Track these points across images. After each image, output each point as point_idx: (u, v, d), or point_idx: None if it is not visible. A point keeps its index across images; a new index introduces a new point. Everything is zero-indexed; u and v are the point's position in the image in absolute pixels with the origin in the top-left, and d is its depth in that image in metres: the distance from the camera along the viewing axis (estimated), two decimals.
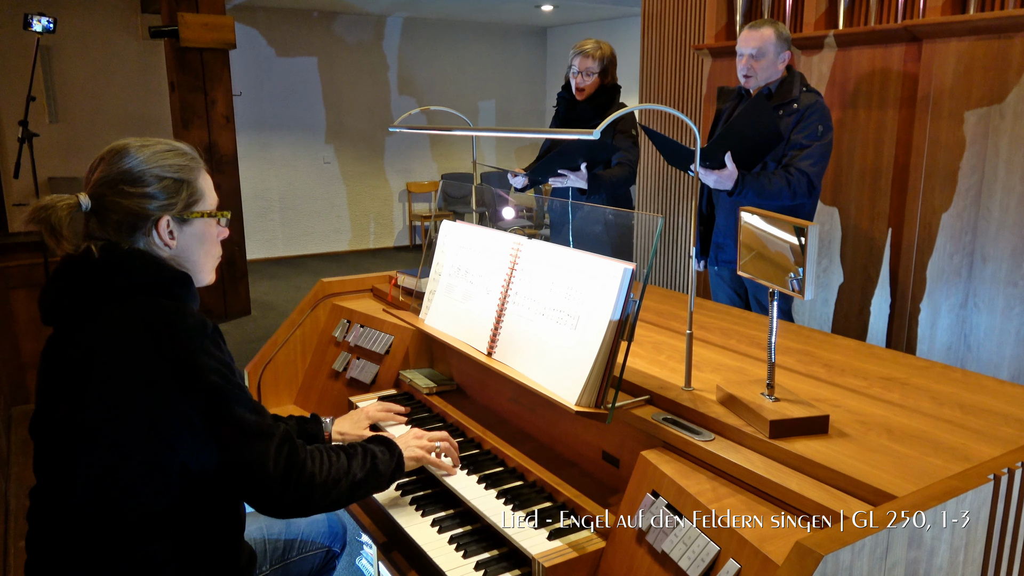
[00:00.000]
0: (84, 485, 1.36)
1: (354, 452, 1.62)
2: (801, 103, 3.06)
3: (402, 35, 9.88)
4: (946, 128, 3.42)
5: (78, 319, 1.40)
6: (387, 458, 1.68)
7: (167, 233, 1.47)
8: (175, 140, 1.53)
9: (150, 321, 1.36)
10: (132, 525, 1.36)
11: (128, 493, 1.35)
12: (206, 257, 1.56)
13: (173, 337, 1.35)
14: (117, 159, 1.44)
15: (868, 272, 3.83)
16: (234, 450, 1.37)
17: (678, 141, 3.07)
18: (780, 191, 2.96)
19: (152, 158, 1.45)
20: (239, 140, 6.74)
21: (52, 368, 1.42)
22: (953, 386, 1.78)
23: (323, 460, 1.53)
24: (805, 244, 1.41)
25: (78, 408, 1.36)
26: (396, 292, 2.80)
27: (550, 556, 1.51)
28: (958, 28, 3.29)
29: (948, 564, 1.24)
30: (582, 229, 3.02)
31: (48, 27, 4.65)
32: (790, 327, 2.30)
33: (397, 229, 10.35)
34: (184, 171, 1.48)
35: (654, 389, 1.71)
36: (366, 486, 1.61)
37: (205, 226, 1.53)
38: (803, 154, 3.00)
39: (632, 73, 6.32)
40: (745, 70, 3.14)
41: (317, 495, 1.49)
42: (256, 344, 5.62)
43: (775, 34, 3.07)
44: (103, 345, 1.35)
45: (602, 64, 3.51)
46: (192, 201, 1.50)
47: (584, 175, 3.32)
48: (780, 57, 3.10)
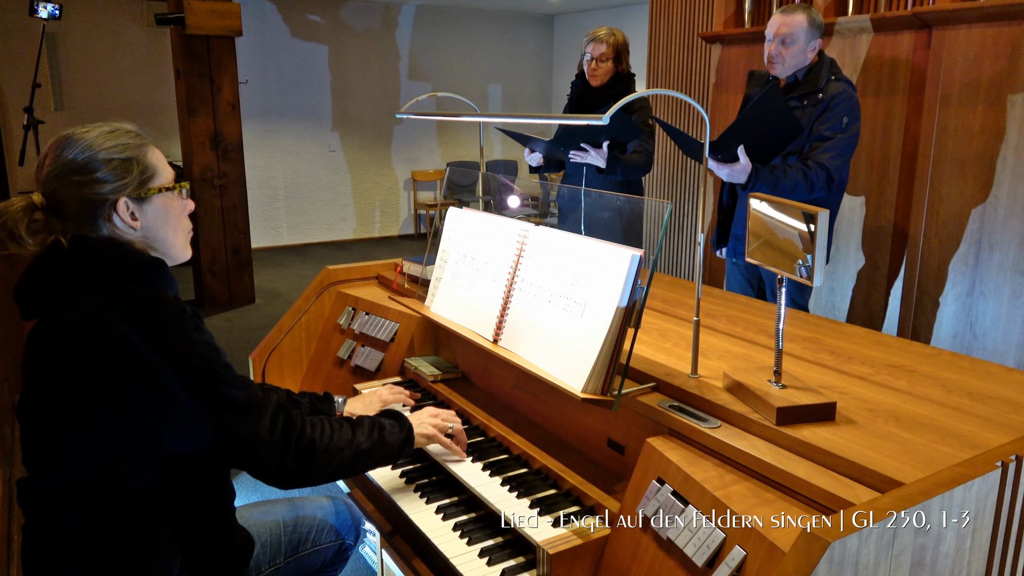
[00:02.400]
0: (63, 473, 1.35)
1: (360, 423, 1.63)
2: (826, 93, 2.95)
3: (411, 22, 9.84)
4: (955, 116, 3.39)
5: (54, 310, 1.38)
6: (396, 431, 1.68)
7: (128, 215, 1.44)
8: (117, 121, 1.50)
9: (127, 308, 1.34)
10: (120, 508, 1.36)
11: (113, 480, 1.35)
12: (175, 233, 1.53)
13: (152, 324, 1.34)
14: (61, 150, 1.41)
15: (877, 261, 3.82)
16: (227, 427, 1.38)
17: (688, 134, 3.01)
18: (796, 185, 2.86)
19: (96, 142, 1.42)
20: (245, 128, 6.73)
21: (33, 357, 1.41)
22: (961, 374, 1.77)
23: (324, 427, 1.53)
24: (815, 231, 1.40)
25: (56, 398, 1.35)
26: (402, 280, 2.80)
27: (555, 543, 1.51)
28: (969, 15, 3.26)
29: (955, 551, 1.23)
30: (591, 215, 3.01)
31: (54, 13, 4.64)
32: (797, 315, 2.29)
33: (402, 217, 10.34)
34: (130, 149, 1.45)
35: (660, 376, 1.71)
36: (372, 456, 1.62)
37: (165, 201, 1.49)
38: (824, 146, 2.90)
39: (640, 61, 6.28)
40: (772, 55, 3.03)
41: (318, 460, 1.49)
42: (261, 332, 5.62)
43: (807, 20, 2.96)
44: (80, 335, 1.34)
45: (615, 50, 3.49)
46: (146, 178, 1.46)
47: (604, 153, 3.30)
48: (811, 45, 2.99)
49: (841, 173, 2.96)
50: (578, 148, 3.32)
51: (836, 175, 2.92)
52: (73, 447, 1.34)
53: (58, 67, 7.67)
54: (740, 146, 2.82)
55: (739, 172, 2.87)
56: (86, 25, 7.76)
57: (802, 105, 2.99)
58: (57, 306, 1.38)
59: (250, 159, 8.07)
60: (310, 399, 1.99)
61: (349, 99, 9.59)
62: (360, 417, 1.67)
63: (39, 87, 4.77)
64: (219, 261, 6.38)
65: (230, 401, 1.39)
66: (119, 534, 1.37)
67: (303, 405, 1.96)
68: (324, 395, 2.03)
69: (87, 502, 1.35)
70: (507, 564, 1.56)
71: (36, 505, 1.41)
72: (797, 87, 3.03)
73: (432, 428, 1.81)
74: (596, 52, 3.48)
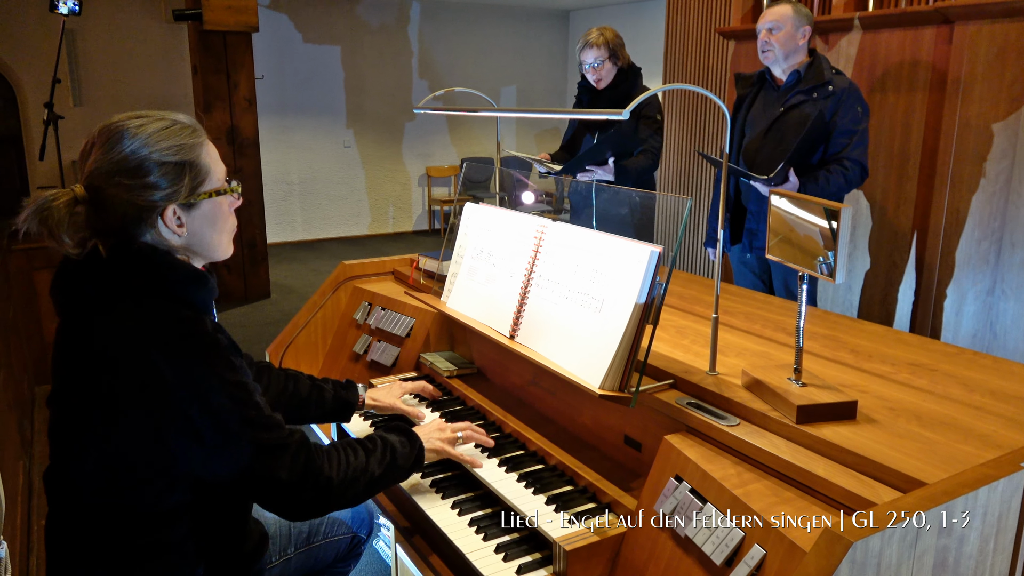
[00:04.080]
0: (93, 474, 1.33)
1: (373, 447, 1.59)
2: (836, 85, 3.00)
3: (425, 19, 9.84)
4: (976, 112, 3.35)
5: (91, 313, 1.34)
6: (407, 451, 1.65)
7: (174, 222, 1.36)
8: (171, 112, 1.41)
9: (161, 337, 1.29)
10: (139, 516, 1.35)
11: (131, 488, 1.33)
12: (220, 234, 1.45)
13: (184, 358, 1.29)
14: (111, 144, 1.32)
15: (893, 258, 3.78)
16: (248, 466, 1.34)
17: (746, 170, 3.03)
18: (840, 189, 2.95)
19: (150, 140, 1.32)
20: (260, 123, 6.75)
21: (66, 356, 1.38)
22: (983, 372, 1.75)
23: (340, 460, 1.49)
24: (837, 228, 1.38)
25: (87, 401, 1.32)
26: (418, 275, 2.80)
27: (571, 539, 1.50)
28: (992, 10, 3.22)
29: (978, 552, 1.22)
30: (605, 212, 3.00)
31: (74, 9, 4.67)
32: (816, 312, 2.27)
33: (416, 213, 10.35)
34: (185, 151, 1.36)
35: (678, 373, 1.69)
36: (384, 481, 1.59)
37: (215, 206, 1.42)
38: (852, 142, 2.97)
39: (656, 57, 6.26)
40: (763, 45, 3.11)
41: (334, 496, 1.47)
42: (276, 327, 5.65)
43: (792, 8, 3.05)
44: (116, 345, 1.29)
45: (609, 49, 3.46)
46: (197, 183, 1.37)
47: (611, 169, 3.31)
48: (800, 31, 3.04)
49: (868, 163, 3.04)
50: (584, 171, 3.35)
51: (867, 165, 3.00)
52: (104, 451, 1.32)
53: (77, 62, 7.72)
54: (791, 168, 2.85)
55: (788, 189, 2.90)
56: (105, 21, 7.81)
57: (811, 98, 3.03)
58: (93, 309, 1.33)
59: (265, 154, 8.10)
60: (333, 386, 2.00)
61: (363, 95, 9.61)
62: (372, 438, 1.63)
63: (59, 82, 4.79)
64: (235, 256, 6.36)
65: (254, 443, 1.34)
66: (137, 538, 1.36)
67: (326, 391, 1.96)
68: (347, 383, 2.04)
69: (113, 505, 1.34)
70: (523, 560, 1.55)
71: (63, 496, 1.40)
72: (800, 82, 3.06)
73: (440, 443, 1.78)
74: (590, 58, 3.44)
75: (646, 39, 8.73)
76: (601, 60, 3.44)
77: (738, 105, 3.37)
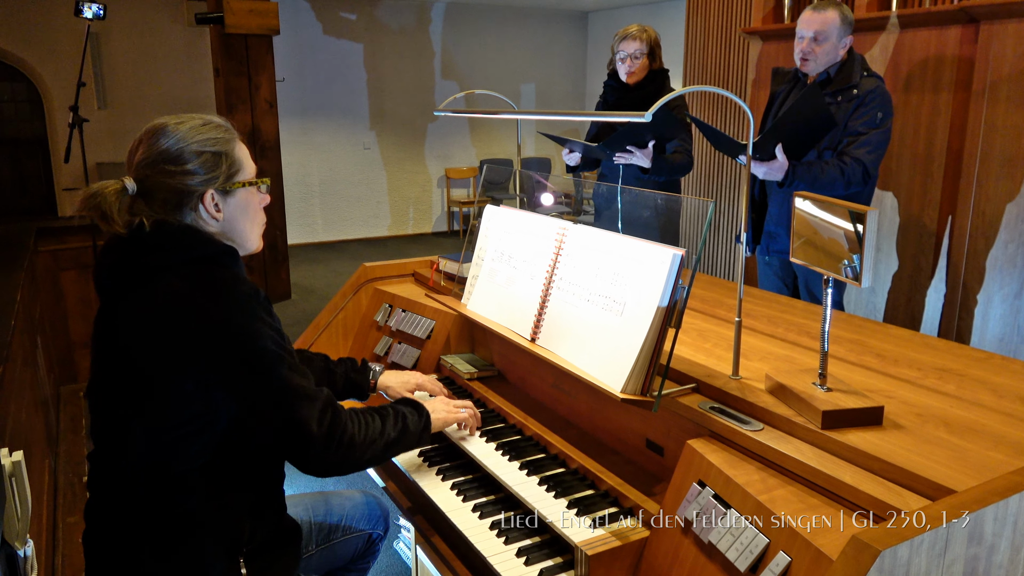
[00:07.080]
0: (136, 447, 1.43)
1: (386, 413, 1.69)
2: (861, 88, 2.93)
3: (445, 20, 9.87)
4: (1003, 112, 3.31)
5: (132, 288, 1.45)
6: (416, 419, 1.74)
7: (213, 207, 1.51)
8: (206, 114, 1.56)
9: (209, 287, 1.41)
10: (178, 480, 1.43)
11: (174, 452, 1.42)
12: (252, 225, 1.60)
13: (230, 303, 1.41)
14: (155, 139, 1.47)
15: (919, 261, 3.73)
16: (284, 410, 1.43)
17: (727, 134, 2.98)
18: (833, 181, 2.86)
19: (189, 134, 1.48)
20: (281, 125, 6.80)
21: (106, 335, 1.48)
22: (1012, 378, 1.72)
23: (361, 422, 1.59)
24: (863, 231, 1.37)
25: (133, 373, 1.42)
26: (438, 277, 2.80)
27: (593, 544, 1.49)
28: (1018, 9, 3.17)
29: (1008, 562, 1.20)
30: (629, 213, 2.98)
31: (99, 13, 4.71)
32: (840, 316, 2.25)
33: (435, 215, 10.38)
34: (221, 143, 1.51)
35: (700, 377, 1.68)
36: (398, 445, 1.68)
37: (248, 195, 1.57)
38: (859, 141, 2.89)
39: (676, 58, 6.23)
40: (804, 53, 3.01)
41: (356, 454, 1.55)
42: (297, 327, 5.68)
43: (839, 17, 2.94)
44: (165, 312, 1.40)
45: (649, 46, 3.45)
46: (232, 172, 1.53)
47: (650, 153, 3.27)
48: (842, 42, 2.97)
49: (876, 168, 2.95)
50: (623, 150, 3.29)
51: (872, 170, 2.92)
52: (153, 425, 1.41)
53: (101, 66, 7.81)
54: (779, 144, 2.80)
55: (776, 170, 2.85)
56: (128, 25, 7.90)
57: (836, 102, 2.97)
58: (140, 284, 1.44)
59: (286, 156, 8.15)
60: (345, 369, 2.05)
61: (384, 97, 9.65)
62: (384, 407, 1.72)
63: (84, 86, 4.84)
64: (256, 257, 6.45)
65: (290, 385, 1.44)
66: (188, 510, 1.44)
67: (336, 376, 2.02)
68: (362, 365, 2.09)
69: (163, 478, 1.43)
70: (545, 564, 1.55)
71: (110, 482, 1.48)
72: (829, 84, 3.00)
73: (444, 412, 1.88)
74: (631, 49, 3.43)
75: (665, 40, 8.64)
76: (641, 53, 3.43)
77: (772, 100, 3.32)
